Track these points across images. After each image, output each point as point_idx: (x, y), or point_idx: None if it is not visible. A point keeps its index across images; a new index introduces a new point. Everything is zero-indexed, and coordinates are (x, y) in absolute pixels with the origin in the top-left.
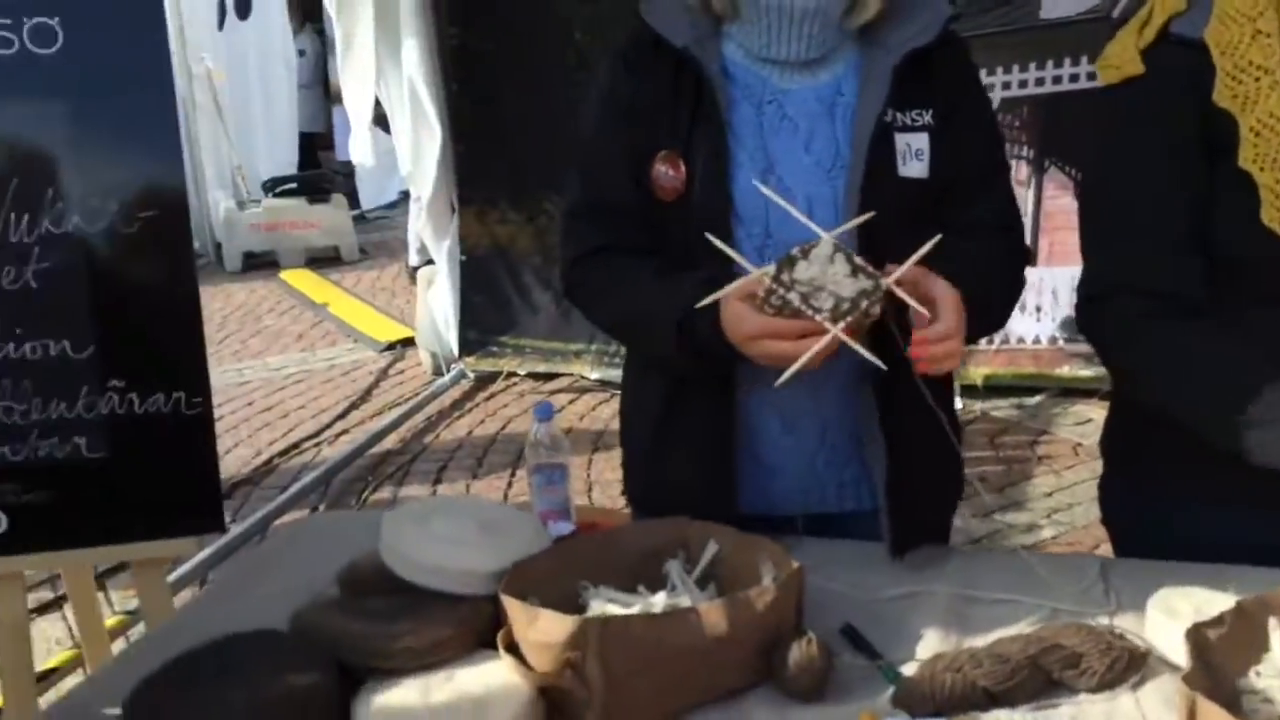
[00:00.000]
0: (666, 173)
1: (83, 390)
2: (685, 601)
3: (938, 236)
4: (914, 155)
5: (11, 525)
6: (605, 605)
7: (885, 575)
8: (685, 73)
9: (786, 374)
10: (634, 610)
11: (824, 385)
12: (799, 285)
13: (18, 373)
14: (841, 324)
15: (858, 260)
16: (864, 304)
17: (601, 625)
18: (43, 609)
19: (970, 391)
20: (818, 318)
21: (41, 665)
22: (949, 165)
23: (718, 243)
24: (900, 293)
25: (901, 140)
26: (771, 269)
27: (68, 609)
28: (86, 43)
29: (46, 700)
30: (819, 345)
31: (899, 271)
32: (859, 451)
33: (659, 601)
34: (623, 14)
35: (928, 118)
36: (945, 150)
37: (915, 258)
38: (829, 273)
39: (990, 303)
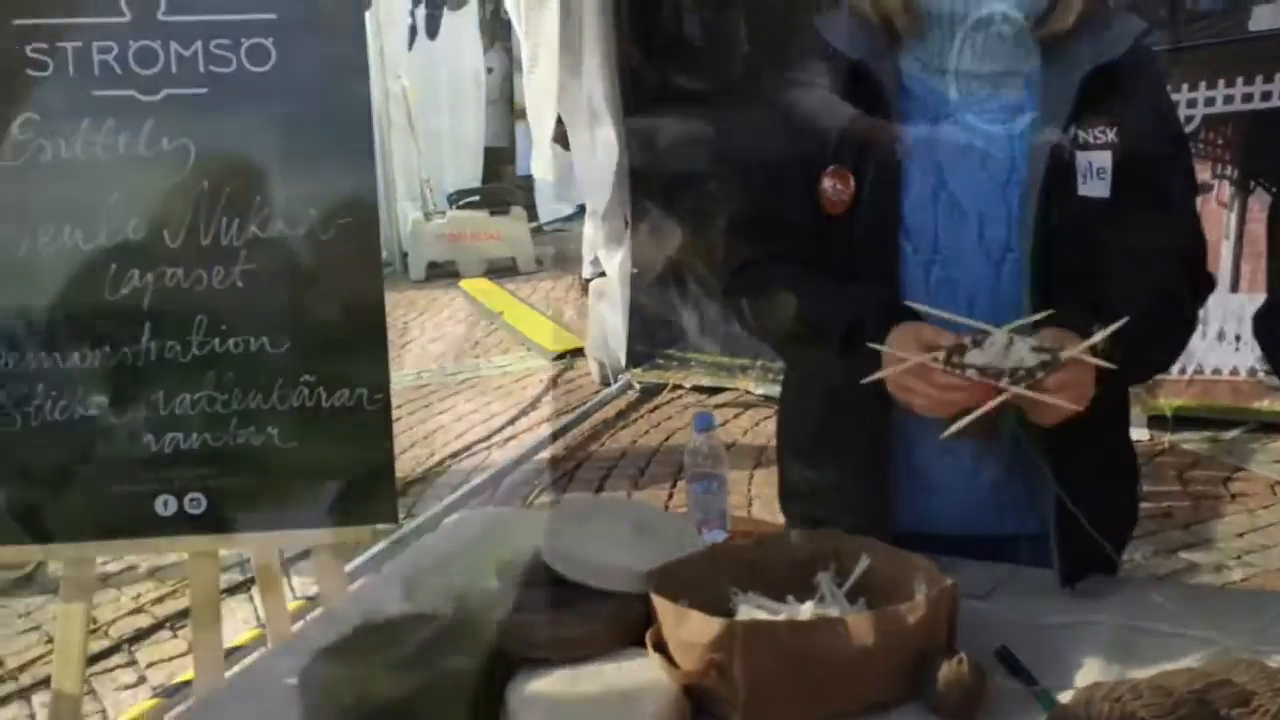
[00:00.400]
0: (834, 187)
1: (277, 383)
2: (834, 613)
3: (1123, 319)
4: (1095, 174)
5: (210, 507)
6: (754, 611)
7: (1046, 601)
8: (859, 86)
9: (955, 426)
10: (781, 617)
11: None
12: (970, 369)
13: (222, 365)
14: (1021, 386)
15: (1033, 341)
16: (1039, 374)
17: (749, 629)
18: (233, 590)
19: (1159, 422)
20: (1000, 382)
21: (229, 643)
22: (1132, 186)
23: (921, 308)
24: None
25: (1083, 158)
26: (942, 354)
27: (255, 591)
28: (295, 62)
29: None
30: (995, 402)
31: (1080, 347)
32: (1020, 474)
33: (807, 611)
34: (797, 29)
35: (1111, 135)
36: (1128, 170)
37: (1096, 338)
38: (1005, 356)
39: (1149, 345)
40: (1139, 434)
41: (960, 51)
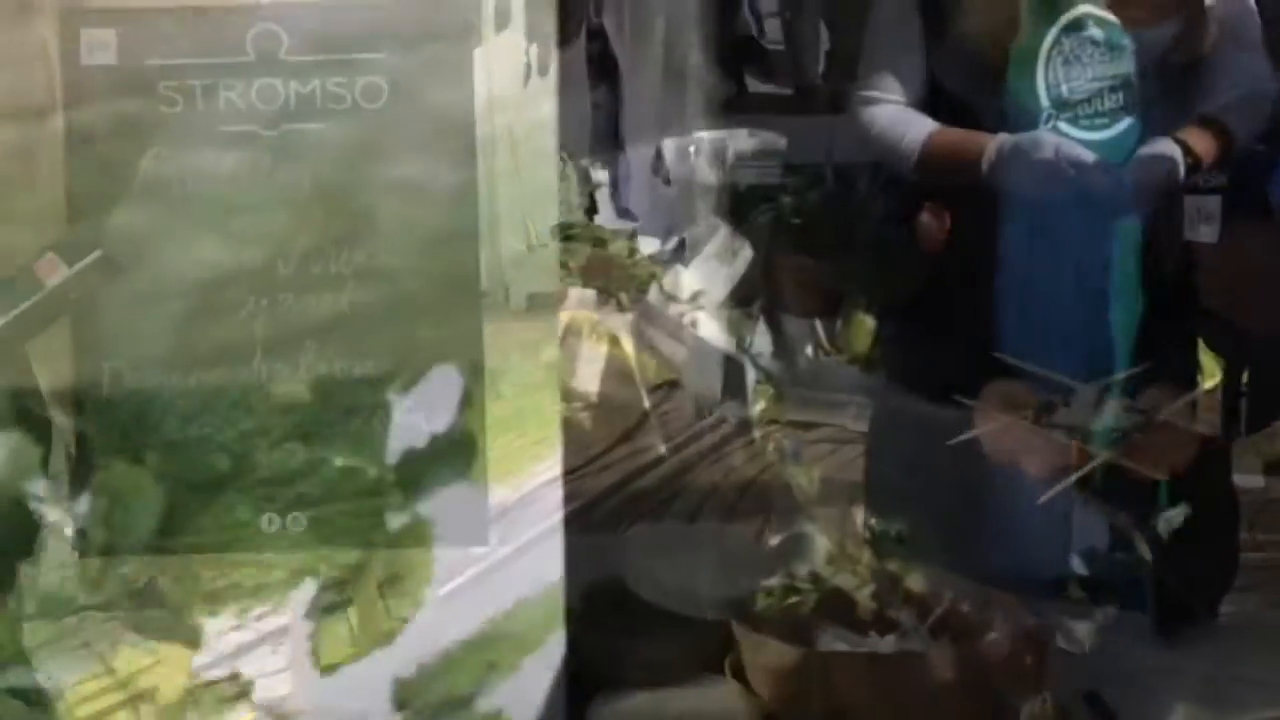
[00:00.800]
0: (931, 223)
1: (378, 409)
2: (916, 647)
3: (1208, 386)
4: (1203, 218)
5: (310, 525)
6: (835, 644)
7: (1139, 645)
8: (962, 119)
9: (1051, 492)
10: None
11: None
12: (1059, 430)
13: (327, 388)
14: (1113, 452)
15: (1125, 401)
16: (1134, 436)
17: (829, 659)
18: (330, 609)
19: (1277, 469)
20: (1089, 448)
21: (326, 661)
22: (1242, 233)
23: (1014, 361)
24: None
25: (1191, 202)
26: (1030, 414)
27: (351, 611)
28: (405, 99)
29: None
30: (1089, 466)
31: (1172, 408)
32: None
33: (889, 645)
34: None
35: (1222, 180)
36: (1240, 217)
37: (1189, 397)
38: (1096, 413)
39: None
40: (1253, 481)
41: (1069, 85)
